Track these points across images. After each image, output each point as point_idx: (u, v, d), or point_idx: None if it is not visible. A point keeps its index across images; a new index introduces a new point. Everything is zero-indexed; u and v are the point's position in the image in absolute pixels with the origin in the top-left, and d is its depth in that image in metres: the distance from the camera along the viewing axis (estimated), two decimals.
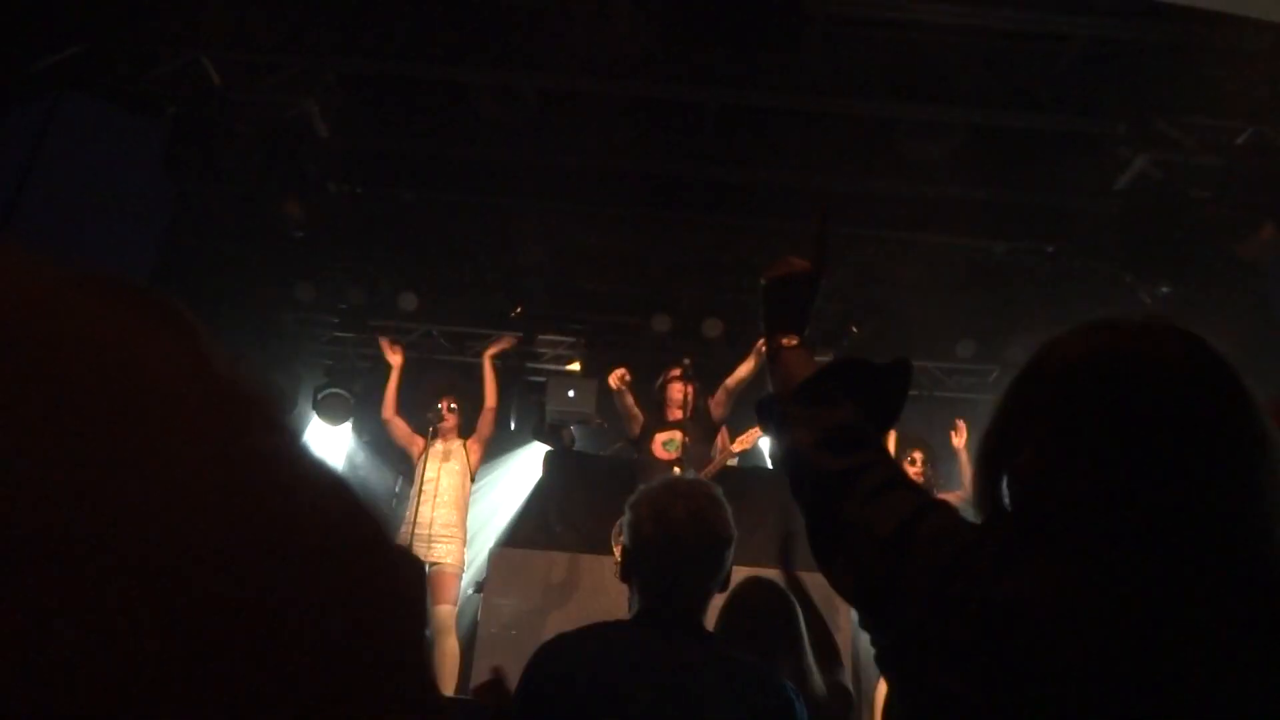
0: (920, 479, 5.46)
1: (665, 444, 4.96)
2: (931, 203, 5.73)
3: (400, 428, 5.28)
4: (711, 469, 4.85)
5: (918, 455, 5.54)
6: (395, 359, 5.45)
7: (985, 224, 6.03)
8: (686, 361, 5.20)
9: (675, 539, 1.62)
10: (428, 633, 5.15)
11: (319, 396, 6.70)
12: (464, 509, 5.17)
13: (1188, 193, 5.18)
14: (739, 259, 6.46)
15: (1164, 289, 5.77)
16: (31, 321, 0.21)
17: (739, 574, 2.91)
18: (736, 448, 5.12)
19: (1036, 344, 1.01)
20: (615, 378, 5.10)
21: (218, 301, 5.73)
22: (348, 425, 6.90)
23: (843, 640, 4.61)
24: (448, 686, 4.72)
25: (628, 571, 1.69)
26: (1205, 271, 5.49)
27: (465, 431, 5.29)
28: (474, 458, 5.26)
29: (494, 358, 5.53)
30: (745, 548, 2.53)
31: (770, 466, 7.10)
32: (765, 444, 6.68)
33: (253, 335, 6.35)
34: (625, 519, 1.69)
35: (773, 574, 2.68)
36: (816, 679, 2.36)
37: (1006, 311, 6.43)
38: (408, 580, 0.26)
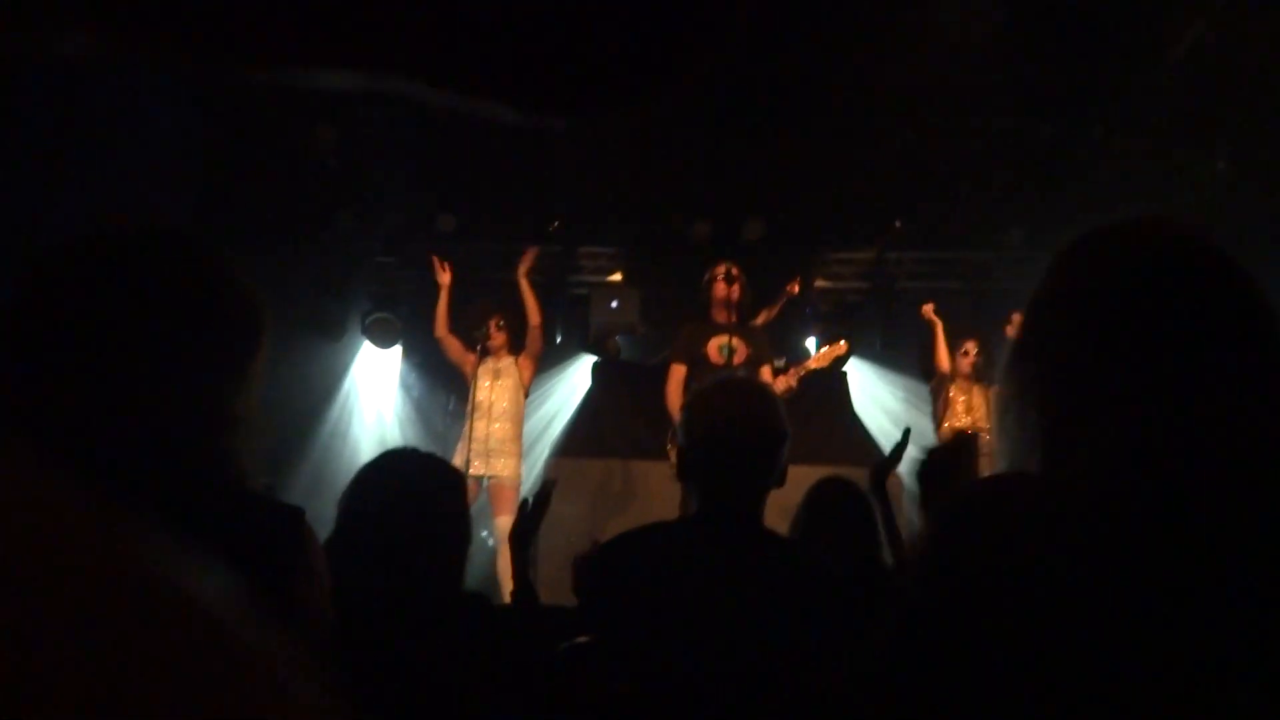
0: (972, 370, 5.44)
1: (720, 349, 4.92)
2: (974, 87, 5.55)
3: (454, 345, 5.34)
4: (781, 387, 4.76)
5: (971, 346, 5.51)
6: (444, 277, 5.47)
7: (1031, 106, 5.83)
8: (735, 266, 5.12)
9: (729, 438, 1.64)
10: (491, 543, 5.32)
11: (367, 322, 6.80)
12: (519, 424, 5.27)
13: (1245, 61, 4.95)
14: (776, 155, 6.34)
15: (1221, 164, 5.57)
16: None
17: (807, 477, 2.97)
18: (813, 364, 5.06)
19: (1087, 229, 1.01)
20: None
21: (258, 234, 5.79)
22: (397, 348, 7.01)
23: None
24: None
25: (684, 472, 1.72)
26: (1265, 143, 5.28)
27: (515, 348, 5.34)
28: (526, 374, 5.32)
29: (529, 274, 5.53)
30: (800, 444, 2.57)
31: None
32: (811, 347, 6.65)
33: (295, 265, 6.42)
34: (680, 419, 1.72)
35: (850, 473, 2.73)
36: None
37: (1055, 196, 6.26)
38: None
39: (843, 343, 5.24)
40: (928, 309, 5.74)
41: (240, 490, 1.18)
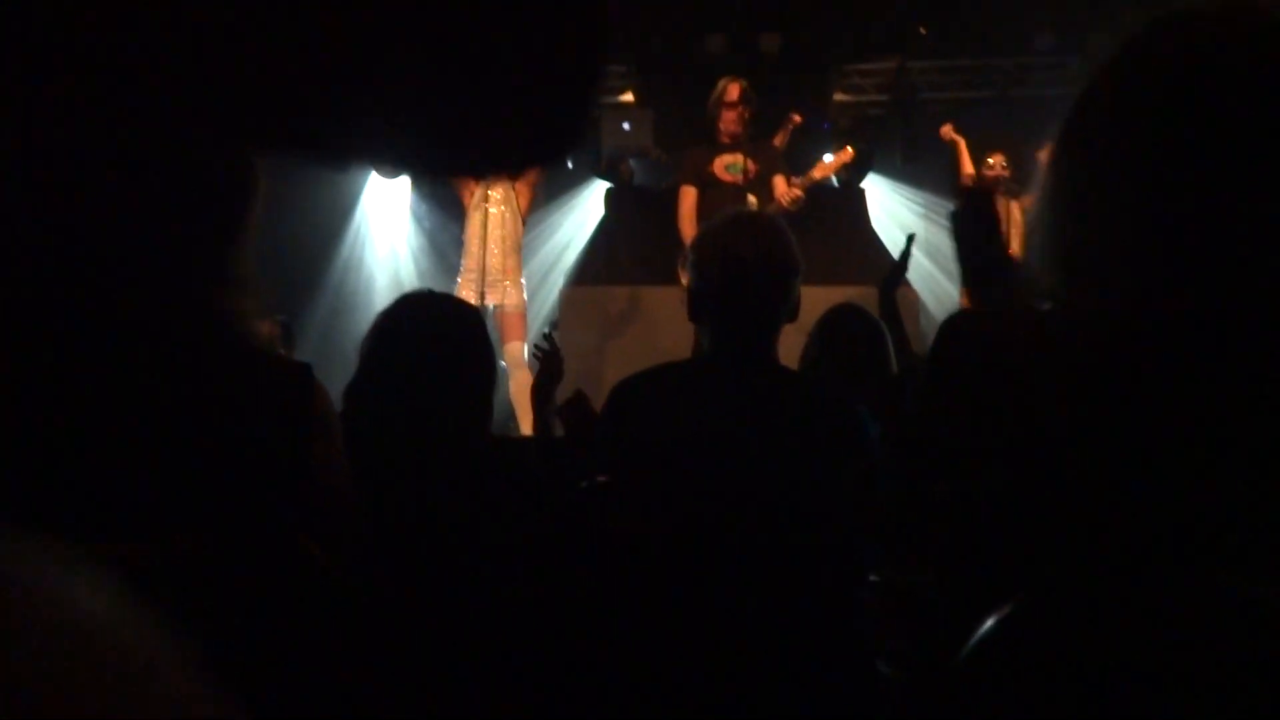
0: (999, 183, 5.30)
1: (728, 167, 4.82)
2: None
3: None
4: (788, 199, 4.65)
5: (997, 159, 5.35)
6: None
7: None
8: (746, 85, 4.91)
9: (741, 276, 1.61)
10: (502, 365, 5.40)
11: None
12: (518, 251, 5.28)
13: None
14: None
15: None
16: None
17: (824, 298, 2.95)
18: (819, 173, 4.92)
19: (1122, 31, 0.88)
20: None
21: None
22: (405, 178, 6.89)
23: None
24: (526, 417, 5.01)
25: (696, 311, 1.69)
26: None
27: (513, 175, 5.26)
28: (523, 201, 5.27)
29: None
30: (816, 266, 2.54)
31: (836, 184, 6.93)
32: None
33: None
34: (690, 259, 1.68)
35: (868, 294, 2.71)
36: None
37: None
38: None
39: (849, 149, 5.07)
40: (947, 130, 5.54)
41: (247, 350, 1.17)
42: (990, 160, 5.37)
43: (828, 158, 5.03)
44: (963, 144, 5.47)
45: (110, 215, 1.05)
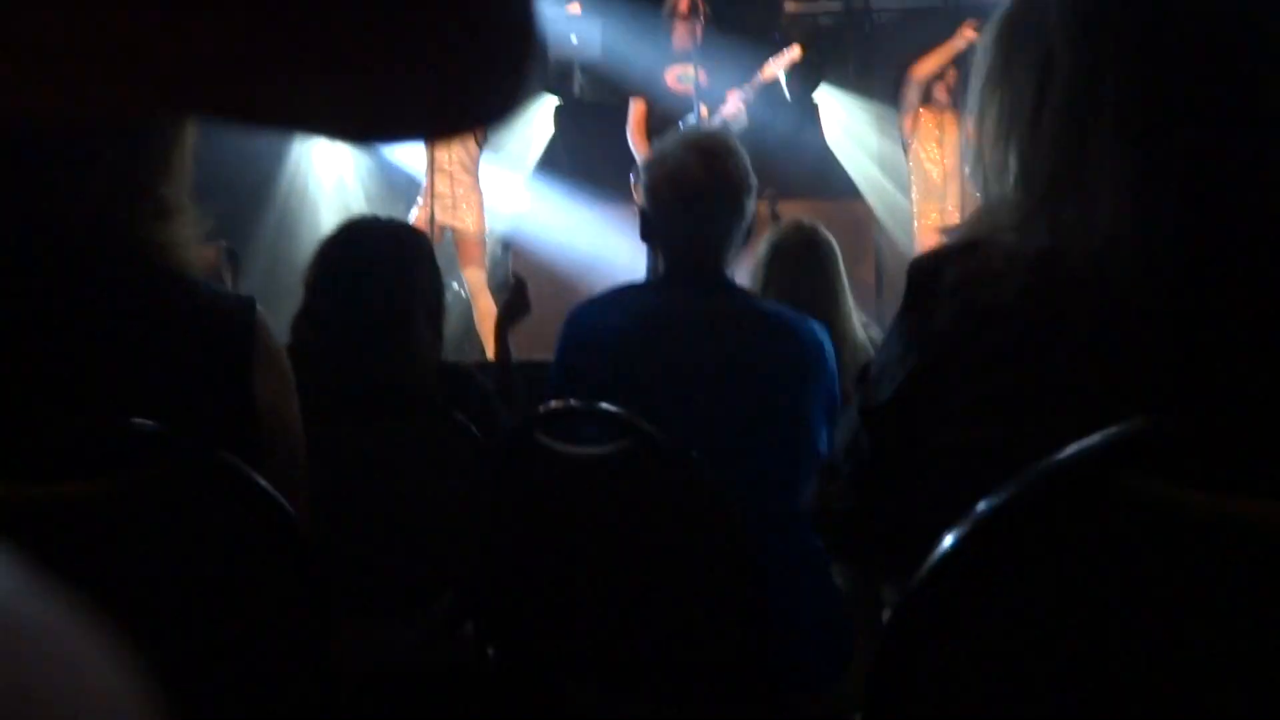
0: (948, 97, 5.23)
1: (680, 78, 4.73)
2: None
3: None
4: (731, 115, 4.58)
5: (951, 72, 5.28)
6: None
7: None
8: None
9: (693, 197, 1.58)
10: (464, 294, 5.32)
11: None
12: (475, 174, 5.14)
13: None
14: None
15: None
16: None
17: (782, 208, 2.92)
18: (766, 77, 4.82)
19: None
20: None
21: None
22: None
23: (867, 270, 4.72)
24: (489, 344, 4.97)
25: (648, 232, 1.67)
26: None
27: None
28: None
29: None
30: (766, 181, 2.52)
31: (788, 96, 6.84)
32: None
33: None
34: (641, 180, 1.65)
35: (821, 206, 2.69)
36: (855, 320, 2.41)
37: None
38: None
39: (797, 47, 4.92)
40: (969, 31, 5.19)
41: (185, 283, 1.12)
42: (945, 71, 5.29)
43: (770, 62, 4.90)
44: (958, 46, 5.10)
45: (31, 138, 0.99)
